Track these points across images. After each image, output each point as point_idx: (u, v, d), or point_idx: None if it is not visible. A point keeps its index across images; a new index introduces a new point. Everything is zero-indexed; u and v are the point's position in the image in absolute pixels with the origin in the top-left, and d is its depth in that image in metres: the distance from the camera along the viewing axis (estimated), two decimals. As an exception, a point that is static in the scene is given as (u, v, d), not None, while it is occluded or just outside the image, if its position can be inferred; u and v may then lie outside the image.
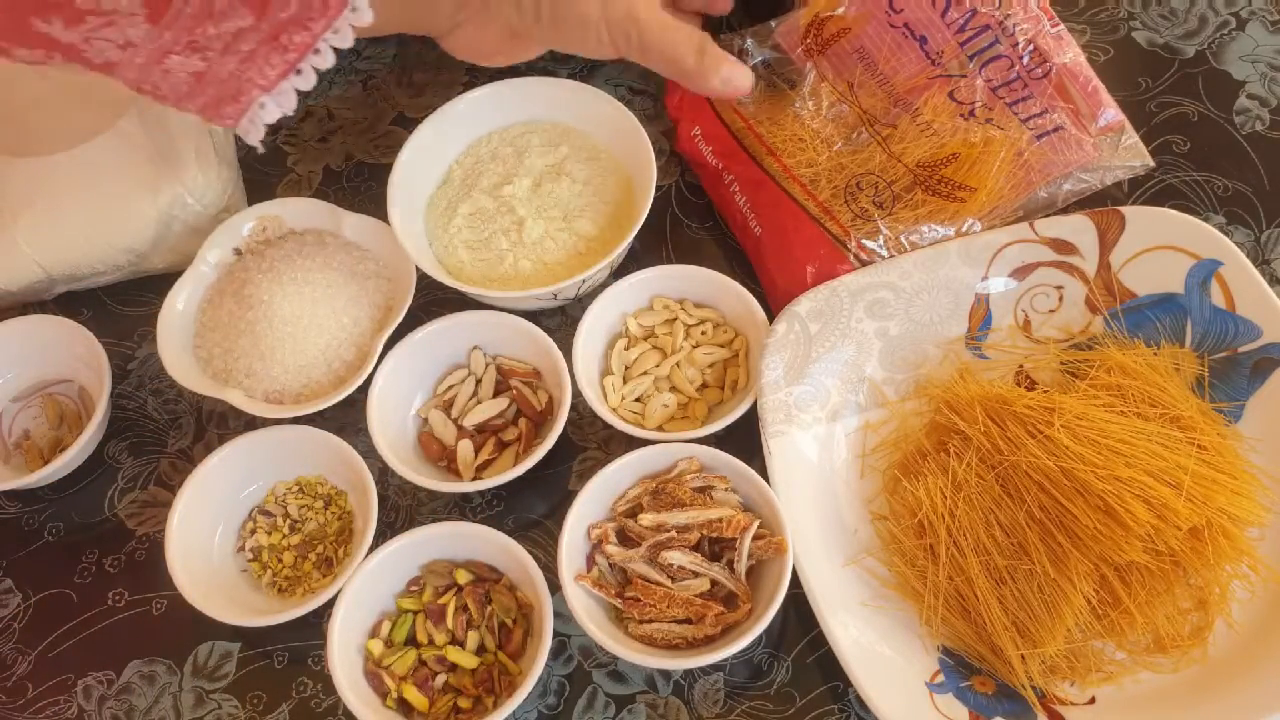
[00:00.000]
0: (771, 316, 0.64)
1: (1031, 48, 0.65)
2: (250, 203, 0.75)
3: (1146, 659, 0.56)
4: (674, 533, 0.58)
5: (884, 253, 0.64)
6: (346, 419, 0.67)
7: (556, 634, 0.59)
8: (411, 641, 0.59)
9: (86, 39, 0.41)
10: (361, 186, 0.78)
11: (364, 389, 0.64)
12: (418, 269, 0.67)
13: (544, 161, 0.71)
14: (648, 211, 0.66)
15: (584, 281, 0.66)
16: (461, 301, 0.68)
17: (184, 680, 0.62)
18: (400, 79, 0.83)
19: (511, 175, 0.71)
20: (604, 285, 0.67)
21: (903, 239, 0.64)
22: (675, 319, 0.67)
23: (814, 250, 0.63)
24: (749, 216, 0.66)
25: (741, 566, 0.58)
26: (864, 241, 0.63)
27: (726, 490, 0.60)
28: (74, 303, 0.74)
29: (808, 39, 0.69)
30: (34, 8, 0.39)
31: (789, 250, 0.64)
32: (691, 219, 0.74)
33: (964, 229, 0.64)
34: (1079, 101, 0.65)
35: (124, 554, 0.66)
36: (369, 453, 0.63)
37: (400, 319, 0.66)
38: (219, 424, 0.70)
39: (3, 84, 0.69)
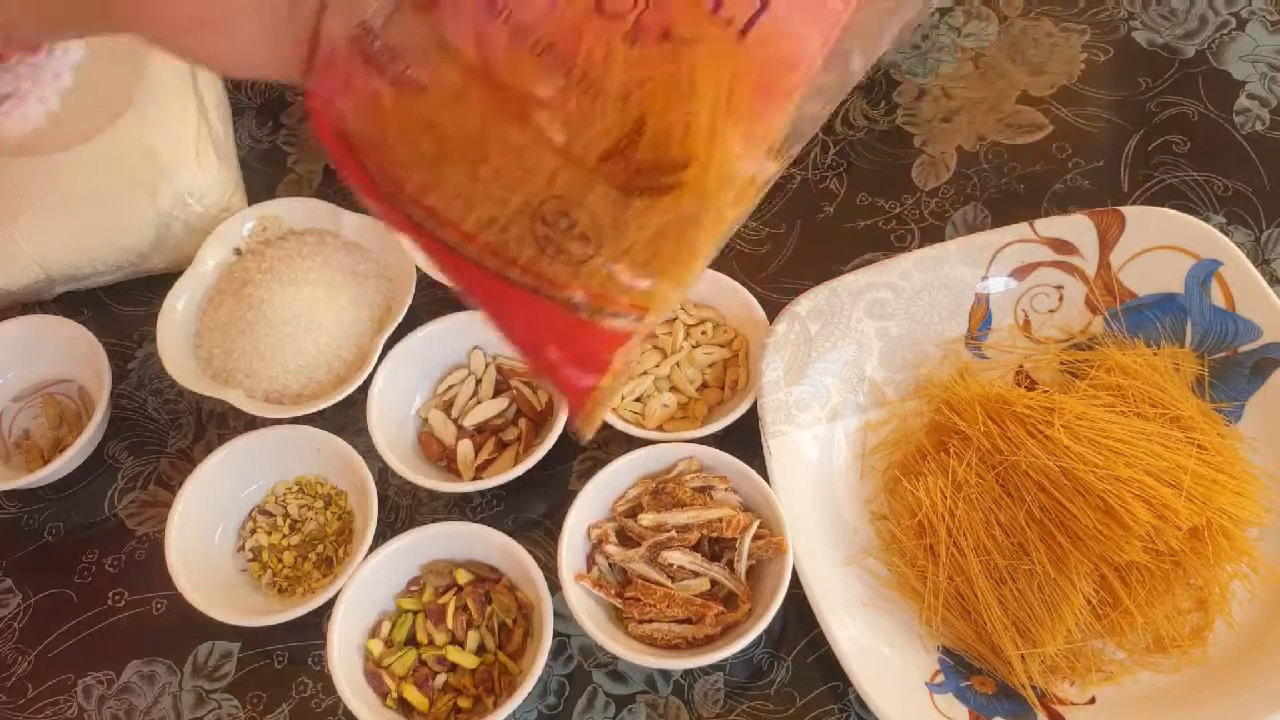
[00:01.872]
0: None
1: None
2: (250, 203, 0.75)
3: (1146, 659, 0.56)
4: (674, 533, 0.58)
5: (644, 283, 0.40)
6: (346, 419, 0.67)
7: (556, 634, 0.59)
8: (411, 641, 0.59)
9: None
10: (361, 186, 0.78)
11: (364, 389, 0.64)
12: (418, 269, 0.67)
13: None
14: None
15: (584, 281, 0.66)
16: (461, 301, 0.68)
17: (184, 680, 0.62)
18: (400, 79, 0.83)
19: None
20: (604, 285, 0.67)
21: (636, 279, 0.41)
22: (675, 319, 0.67)
23: (544, 331, 0.41)
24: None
25: (741, 566, 0.58)
26: (607, 297, 0.40)
27: (726, 490, 0.60)
28: (74, 303, 0.74)
29: None
30: None
31: (517, 339, 0.43)
32: (691, 219, 0.74)
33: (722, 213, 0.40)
34: None
35: (124, 554, 0.66)
36: (369, 453, 0.63)
37: (400, 319, 0.66)
38: (219, 424, 0.70)
39: (3, 84, 0.69)
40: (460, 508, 0.66)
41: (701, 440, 0.61)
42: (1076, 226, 0.64)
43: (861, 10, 0.38)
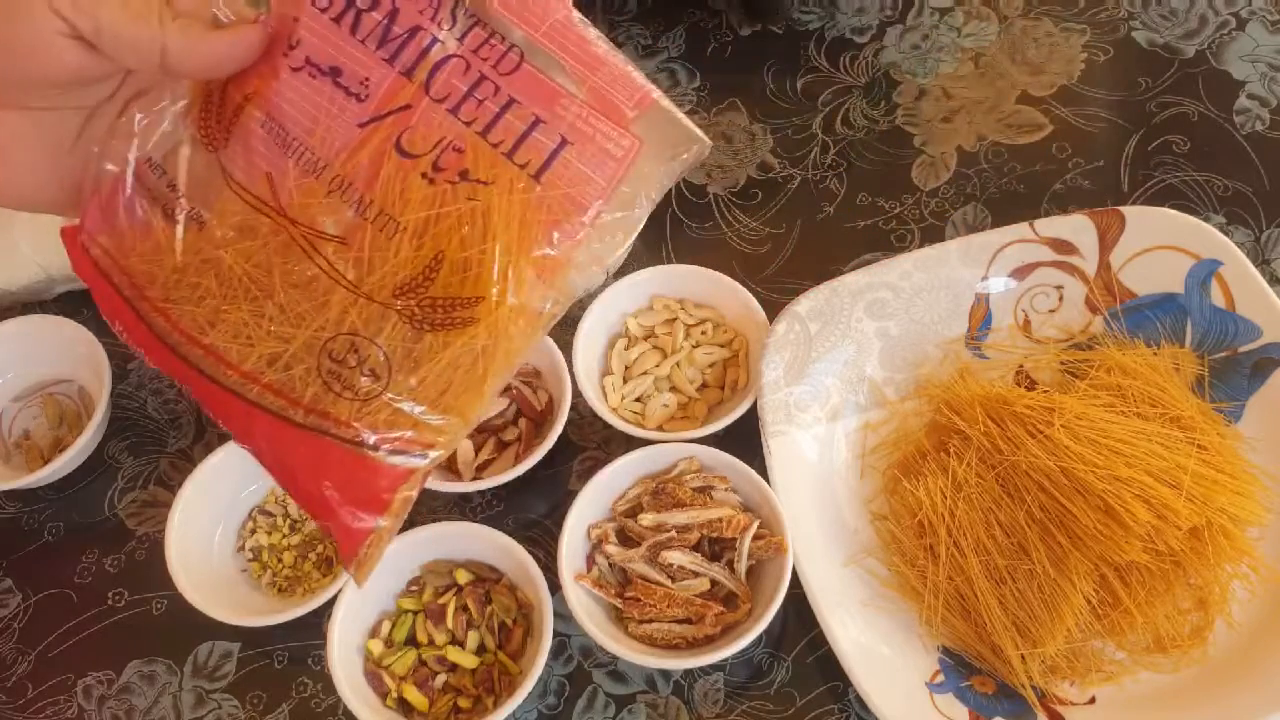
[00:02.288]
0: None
1: (481, 27, 0.40)
2: (250, 203, 0.75)
3: (1146, 659, 0.56)
4: (674, 533, 0.58)
5: (431, 419, 0.40)
6: (346, 419, 0.67)
7: (556, 634, 0.59)
8: (411, 641, 0.59)
9: None
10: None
11: (364, 389, 0.64)
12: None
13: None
14: (647, 216, 0.66)
15: (583, 282, 0.66)
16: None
17: (184, 680, 0.62)
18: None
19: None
20: (603, 286, 0.67)
21: (424, 415, 0.40)
22: (675, 319, 0.67)
23: (324, 472, 0.40)
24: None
25: (741, 566, 0.58)
26: (392, 435, 0.40)
27: (726, 490, 0.60)
28: (74, 303, 0.74)
29: (205, 120, 0.41)
30: None
31: (296, 483, 0.41)
32: (691, 219, 0.74)
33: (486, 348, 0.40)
34: (587, 79, 0.39)
35: (124, 554, 0.66)
36: (369, 453, 0.63)
37: (400, 319, 0.66)
38: (219, 424, 0.70)
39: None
40: (460, 508, 0.66)
41: (701, 440, 0.61)
42: (1076, 226, 0.64)
43: (645, 158, 0.39)
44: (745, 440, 0.61)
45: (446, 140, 0.39)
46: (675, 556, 0.57)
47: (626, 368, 0.66)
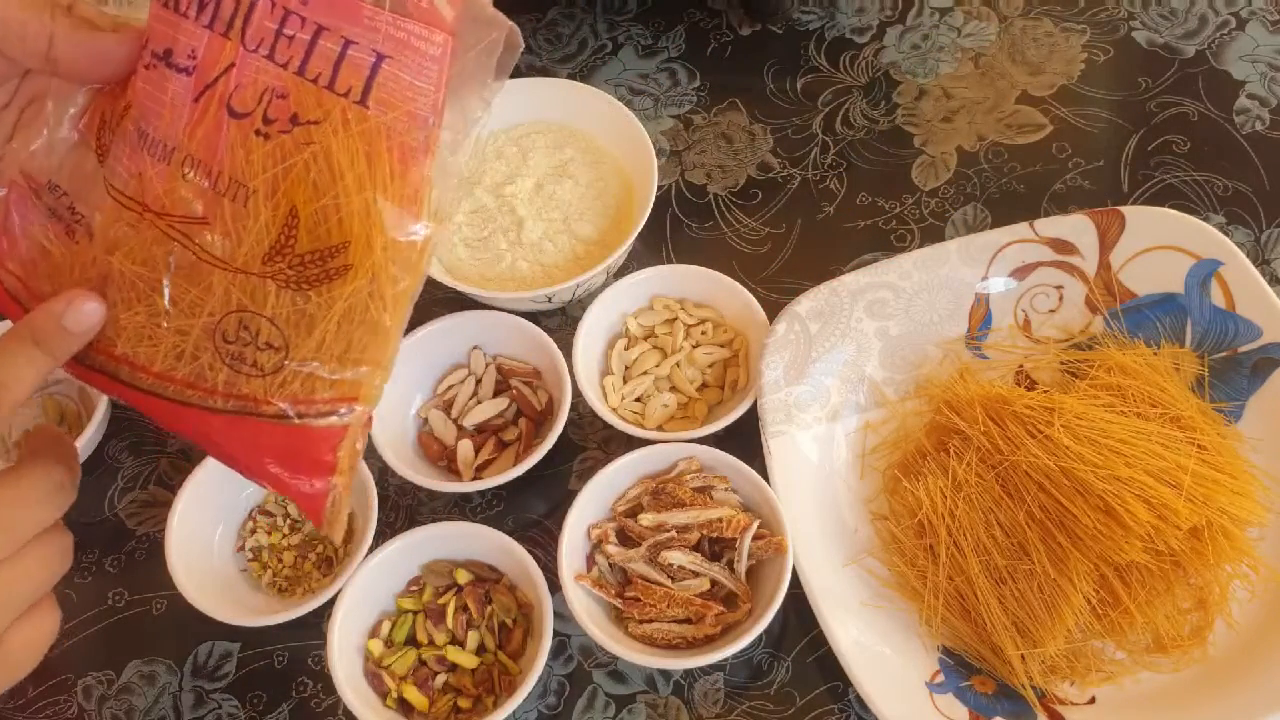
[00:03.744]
0: None
1: None
2: (250, 203, 0.75)
3: (1146, 659, 0.56)
4: (674, 533, 0.58)
5: (345, 375, 0.39)
6: (346, 419, 0.67)
7: (556, 634, 0.59)
8: (411, 641, 0.59)
9: None
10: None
11: (364, 389, 0.64)
12: (418, 269, 0.67)
13: (549, 162, 0.71)
14: (647, 217, 0.66)
15: (580, 286, 0.66)
16: (461, 301, 0.68)
17: (184, 680, 0.62)
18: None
19: (515, 175, 0.71)
20: (604, 286, 0.67)
21: (336, 373, 0.39)
22: (675, 319, 0.67)
23: (262, 450, 0.40)
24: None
25: (741, 566, 0.58)
26: (312, 400, 0.40)
27: (726, 490, 0.60)
28: (74, 303, 0.74)
29: (100, 135, 0.41)
30: None
31: (240, 465, 0.41)
32: (691, 219, 0.74)
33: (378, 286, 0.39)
34: None
35: (124, 554, 0.66)
36: (369, 453, 0.63)
37: (400, 319, 0.66)
38: (219, 424, 0.70)
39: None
40: (460, 508, 0.66)
41: (701, 440, 0.61)
42: (1076, 226, 0.64)
43: (460, 57, 0.38)
44: (745, 440, 0.61)
45: (269, 89, 0.38)
46: (675, 556, 0.57)
47: (626, 368, 0.66)
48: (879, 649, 0.56)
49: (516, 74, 0.73)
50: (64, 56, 0.38)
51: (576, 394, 0.63)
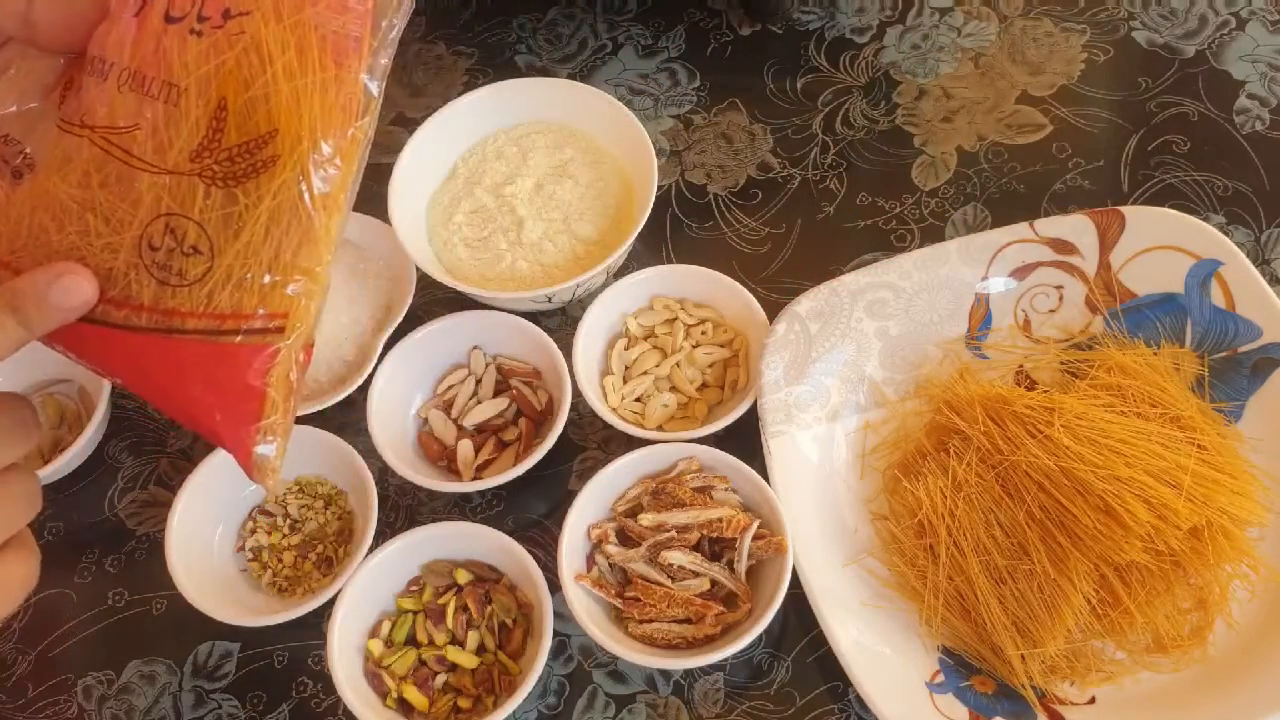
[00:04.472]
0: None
1: None
2: (250, 203, 0.75)
3: (1146, 659, 0.56)
4: (674, 533, 0.58)
5: (275, 282, 0.38)
6: (346, 419, 0.67)
7: (556, 634, 0.59)
8: (411, 641, 0.59)
9: None
10: (361, 186, 0.78)
11: (364, 389, 0.64)
12: (417, 269, 0.67)
13: (549, 162, 0.71)
14: (647, 217, 0.66)
15: (579, 286, 0.66)
16: (461, 301, 0.68)
17: (184, 680, 0.62)
18: (400, 79, 0.83)
19: (515, 175, 0.71)
20: (603, 286, 0.67)
21: (266, 282, 0.38)
22: (675, 319, 0.67)
23: (189, 375, 0.39)
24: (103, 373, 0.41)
25: (741, 566, 0.58)
26: (242, 313, 0.38)
27: (726, 490, 0.60)
28: (74, 303, 0.74)
29: (63, 93, 0.42)
30: None
31: (166, 396, 0.40)
32: (691, 219, 0.74)
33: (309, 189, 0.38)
34: None
35: (124, 554, 0.66)
36: (369, 453, 0.63)
37: (400, 319, 0.66)
38: (219, 424, 0.70)
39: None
40: (460, 508, 0.66)
41: (701, 440, 0.61)
42: (1076, 226, 0.64)
43: None
44: (745, 440, 0.61)
45: None
46: (675, 556, 0.57)
47: (626, 368, 0.66)
48: (879, 649, 0.56)
49: (516, 74, 0.73)
50: (42, 20, 0.38)
51: (576, 394, 0.63)
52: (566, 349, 0.64)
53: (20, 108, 0.41)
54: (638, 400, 0.65)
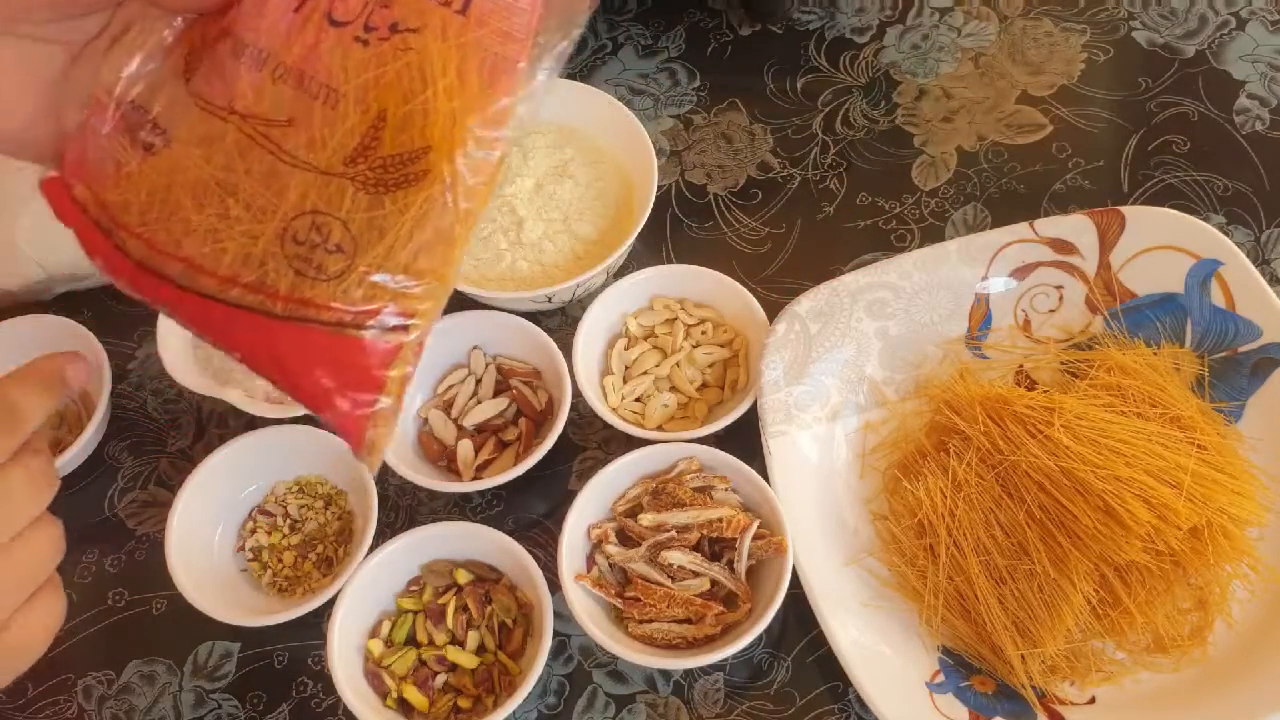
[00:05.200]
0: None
1: None
2: (250, 203, 0.75)
3: (1146, 659, 0.56)
4: (674, 533, 0.58)
5: (408, 285, 0.40)
6: (346, 419, 0.67)
7: (556, 634, 0.59)
8: (411, 641, 0.59)
9: None
10: (361, 186, 0.78)
11: (364, 389, 0.64)
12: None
13: (548, 162, 0.71)
14: (647, 217, 0.66)
15: (579, 286, 0.66)
16: (461, 301, 0.68)
17: (184, 680, 0.62)
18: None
19: (515, 175, 0.71)
20: (603, 286, 0.67)
21: (399, 283, 0.40)
22: (675, 319, 0.67)
23: (313, 360, 0.40)
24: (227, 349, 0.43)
25: (741, 566, 0.58)
26: (372, 309, 0.40)
27: (726, 490, 0.60)
28: (74, 303, 0.74)
29: (190, 59, 0.42)
30: None
31: (289, 377, 0.41)
32: (691, 219, 0.74)
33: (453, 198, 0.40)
34: None
35: (124, 554, 0.66)
36: (369, 453, 0.63)
37: (400, 319, 0.66)
38: (219, 424, 0.70)
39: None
40: (460, 508, 0.66)
41: (701, 440, 0.61)
42: (1076, 226, 0.64)
43: None
44: (745, 440, 0.61)
45: None
46: (675, 556, 0.57)
47: (626, 368, 0.66)
48: (879, 649, 0.56)
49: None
50: None
51: (576, 394, 0.63)
52: (566, 349, 0.64)
53: (141, 70, 0.42)
54: (638, 400, 0.65)
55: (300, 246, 0.40)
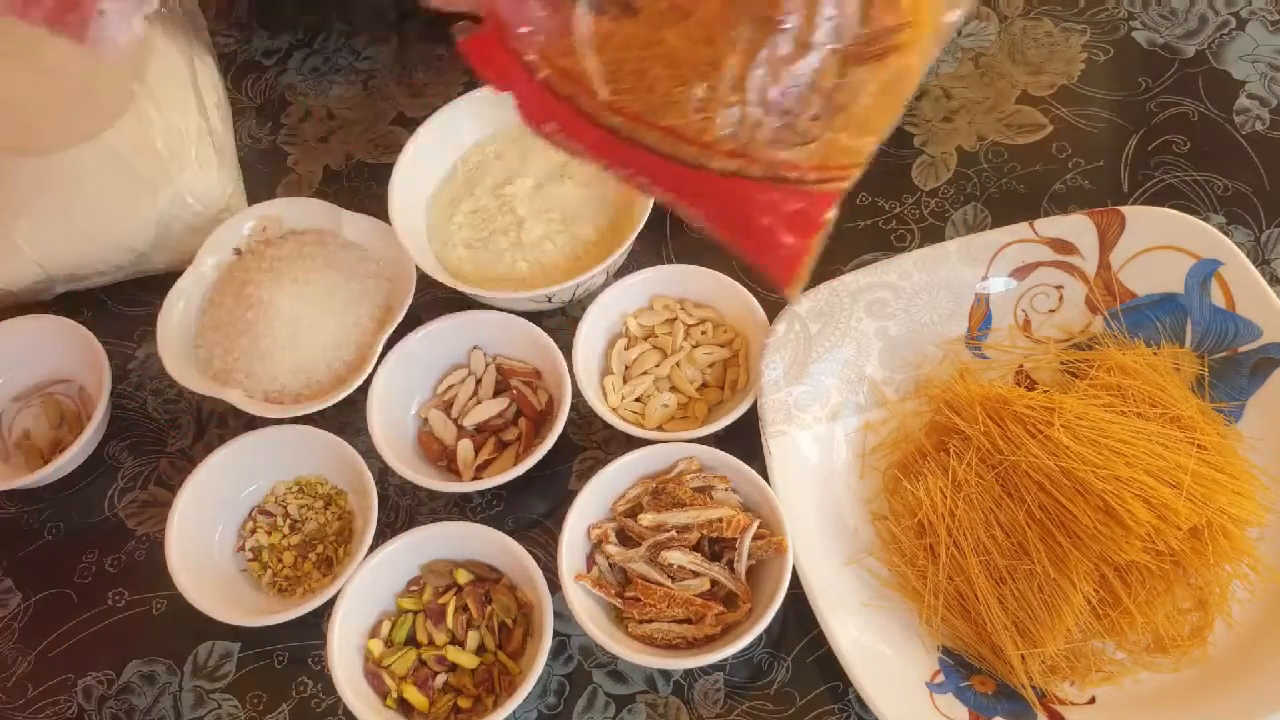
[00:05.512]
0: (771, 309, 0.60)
1: None
2: (250, 203, 0.75)
3: (1146, 659, 0.56)
4: (674, 533, 0.58)
5: (859, 145, 0.44)
6: (346, 419, 0.67)
7: (556, 634, 0.59)
8: (411, 641, 0.59)
9: None
10: (361, 186, 0.78)
11: (364, 389, 0.64)
12: (417, 269, 0.67)
13: (549, 162, 0.71)
14: (646, 217, 0.66)
15: (579, 286, 0.66)
16: (461, 301, 0.68)
17: (184, 680, 0.62)
18: (400, 79, 0.83)
19: (514, 175, 0.71)
20: (603, 286, 0.67)
21: (860, 142, 0.44)
22: (675, 319, 0.67)
23: (770, 212, 0.44)
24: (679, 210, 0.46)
25: (741, 566, 0.58)
26: (830, 167, 0.44)
27: (726, 490, 0.60)
28: (74, 303, 0.74)
29: None
30: None
31: (743, 228, 0.45)
32: (691, 219, 0.74)
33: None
34: None
35: (124, 554, 0.66)
36: (369, 453, 0.63)
37: (400, 319, 0.66)
38: (219, 424, 0.70)
39: (4, 84, 0.69)
40: (460, 508, 0.66)
41: (701, 440, 0.61)
42: (1076, 226, 0.64)
43: None
44: (745, 440, 0.61)
45: None
46: (675, 556, 0.57)
47: (626, 368, 0.66)
48: (879, 649, 0.56)
49: (516, 74, 0.73)
50: None
51: (576, 394, 0.63)
52: (566, 349, 0.64)
53: None
54: (638, 400, 0.65)
55: (787, 115, 0.42)
